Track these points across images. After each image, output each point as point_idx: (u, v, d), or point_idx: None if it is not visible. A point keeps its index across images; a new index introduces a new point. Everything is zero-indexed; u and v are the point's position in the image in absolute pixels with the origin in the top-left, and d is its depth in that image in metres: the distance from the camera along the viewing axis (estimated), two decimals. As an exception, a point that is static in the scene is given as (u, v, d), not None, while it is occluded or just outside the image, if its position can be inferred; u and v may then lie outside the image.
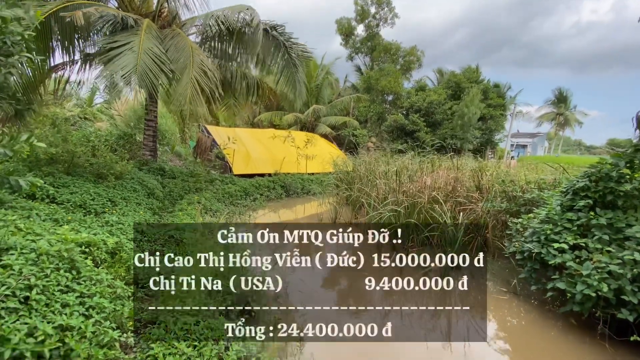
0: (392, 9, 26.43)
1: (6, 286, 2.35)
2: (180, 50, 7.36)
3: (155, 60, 6.67)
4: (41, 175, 5.49)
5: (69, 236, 3.35)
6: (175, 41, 7.55)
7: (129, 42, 6.54)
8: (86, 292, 2.66)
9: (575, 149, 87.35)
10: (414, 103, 23.44)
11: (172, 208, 7.27)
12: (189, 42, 7.51)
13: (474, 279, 5.26)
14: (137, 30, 7.01)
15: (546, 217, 4.42)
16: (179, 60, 7.22)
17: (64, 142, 5.93)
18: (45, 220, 4.06)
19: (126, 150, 10.68)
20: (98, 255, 3.39)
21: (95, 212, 5.18)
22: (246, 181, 11.29)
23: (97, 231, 4.12)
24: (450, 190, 6.31)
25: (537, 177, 6.43)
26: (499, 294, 4.79)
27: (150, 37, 6.98)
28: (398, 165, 7.59)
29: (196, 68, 7.01)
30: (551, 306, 4.40)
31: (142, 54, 6.33)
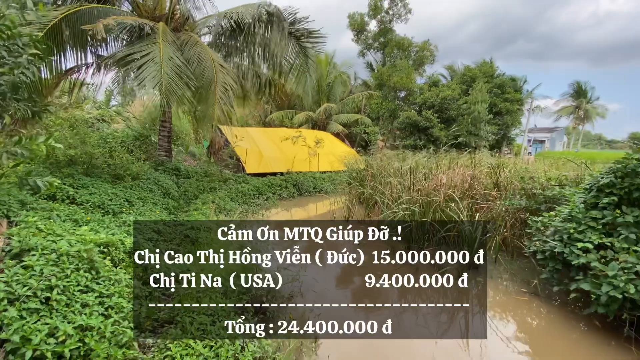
0: (405, 5, 26.02)
1: (28, 287, 2.41)
2: (202, 63, 7.45)
3: (178, 72, 6.75)
4: (61, 176, 5.63)
5: (88, 237, 3.42)
6: (195, 51, 7.61)
7: (150, 52, 6.63)
8: (105, 292, 2.71)
9: (595, 143, 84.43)
10: (427, 99, 23.06)
11: (187, 207, 7.36)
12: (210, 54, 7.54)
13: (491, 279, 5.15)
14: (154, 38, 7.09)
15: (569, 215, 4.26)
16: (203, 75, 7.34)
17: (82, 144, 6.07)
18: (65, 221, 4.16)
19: (142, 151, 10.90)
20: (116, 256, 3.45)
21: (113, 212, 5.29)
22: (259, 180, 11.35)
23: (115, 231, 4.20)
24: (467, 188, 6.17)
25: (557, 174, 6.22)
26: (519, 295, 4.65)
27: (167, 44, 7.04)
28: (412, 162, 7.47)
29: (220, 87, 7.12)
30: (574, 308, 4.25)
31: (164, 64, 6.39)
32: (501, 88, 23.88)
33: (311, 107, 23.53)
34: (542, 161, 12.62)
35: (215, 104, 6.89)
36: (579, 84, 41.52)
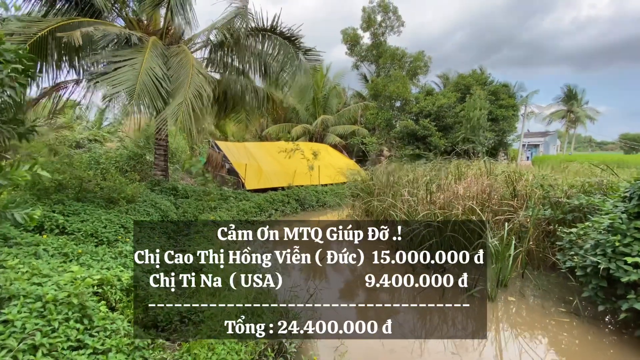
0: (398, 17, 26.26)
1: (7, 349, 1.96)
2: (182, 68, 6.97)
3: (155, 82, 6.32)
4: (50, 203, 5.18)
5: (80, 274, 2.99)
6: (179, 58, 7.23)
7: (132, 58, 6.25)
8: (100, 347, 2.26)
9: (586, 146, 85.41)
10: (423, 108, 22.98)
11: (187, 230, 6.89)
12: (192, 60, 7.10)
13: (523, 297, 4.74)
14: (141, 47, 6.73)
15: (609, 226, 3.91)
16: (178, 78, 6.80)
17: (70, 167, 5.63)
18: (53, 256, 3.70)
19: (137, 171, 10.45)
20: (112, 297, 3.00)
21: (108, 240, 4.82)
22: (259, 196, 10.91)
23: (110, 264, 3.74)
24: (485, 199, 5.82)
25: (580, 180, 5.90)
26: (559, 315, 4.25)
27: (154, 55, 6.65)
28: (422, 172, 7.13)
29: (193, 89, 6.53)
30: (625, 329, 3.85)
31: (143, 73, 6.00)
32: (495, 95, 23.95)
33: (307, 119, 23.32)
34: (539, 166, 12.38)
35: (182, 104, 6.20)
36: (570, 88, 42.10)
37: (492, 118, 23.58)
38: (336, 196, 12.58)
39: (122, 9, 8.53)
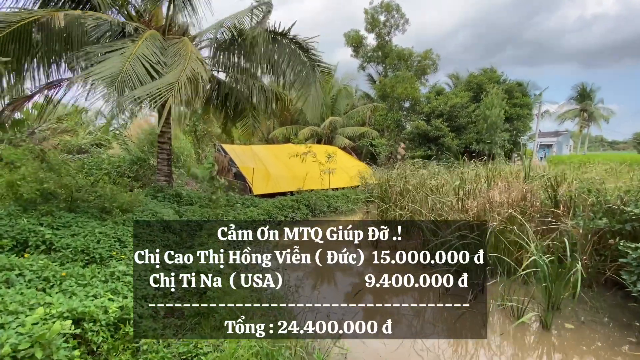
0: (402, 15, 25.64)
1: None
2: (178, 54, 6.41)
3: (148, 68, 5.72)
4: (37, 215, 4.64)
5: (56, 309, 2.42)
6: (177, 47, 6.65)
7: (124, 47, 5.70)
8: None
9: (597, 145, 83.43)
10: (435, 108, 22.25)
11: (191, 241, 6.31)
12: (190, 47, 6.48)
13: (583, 324, 4.04)
14: (136, 37, 6.17)
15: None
16: (173, 64, 6.18)
17: (56, 175, 5.09)
18: (31, 281, 3.13)
19: (140, 176, 9.95)
20: (92, 338, 2.41)
21: (101, 258, 4.24)
22: (268, 202, 10.32)
23: (98, 290, 3.15)
24: (528, 206, 5.14)
25: (632, 184, 5.20)
26: (629, 346, 3.55)
27: (149, 44, 6.07)
28: (448, 176, 6.47)
29: (187, 71, 5.79)
30: None
31: (132, 59, 5.41)
32: (509, 93, 23.13)
33: (316, 121, 22.74)
34: (555, 166, 11.59)
35: (174, 84, 5.42)
36: (583, 86, 40.92)
37: (507, 117, 22.78)
38: (348, 201, 11.95)
39: (122, 5, 8.03)
